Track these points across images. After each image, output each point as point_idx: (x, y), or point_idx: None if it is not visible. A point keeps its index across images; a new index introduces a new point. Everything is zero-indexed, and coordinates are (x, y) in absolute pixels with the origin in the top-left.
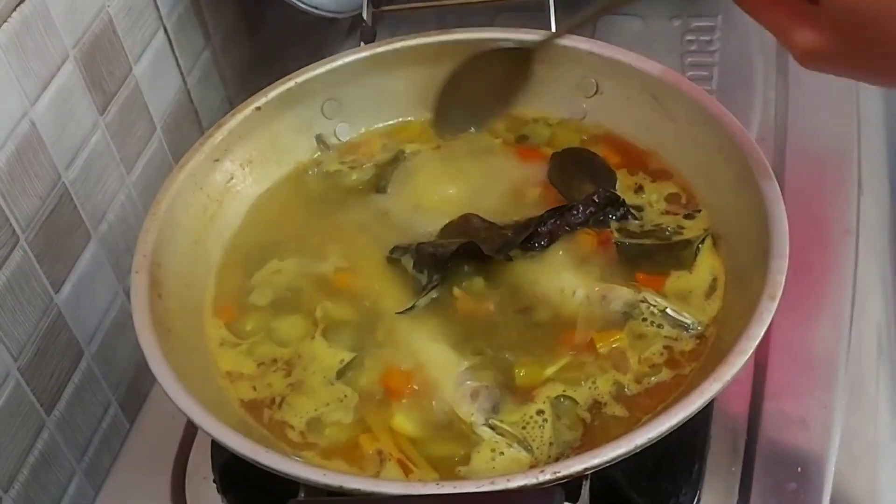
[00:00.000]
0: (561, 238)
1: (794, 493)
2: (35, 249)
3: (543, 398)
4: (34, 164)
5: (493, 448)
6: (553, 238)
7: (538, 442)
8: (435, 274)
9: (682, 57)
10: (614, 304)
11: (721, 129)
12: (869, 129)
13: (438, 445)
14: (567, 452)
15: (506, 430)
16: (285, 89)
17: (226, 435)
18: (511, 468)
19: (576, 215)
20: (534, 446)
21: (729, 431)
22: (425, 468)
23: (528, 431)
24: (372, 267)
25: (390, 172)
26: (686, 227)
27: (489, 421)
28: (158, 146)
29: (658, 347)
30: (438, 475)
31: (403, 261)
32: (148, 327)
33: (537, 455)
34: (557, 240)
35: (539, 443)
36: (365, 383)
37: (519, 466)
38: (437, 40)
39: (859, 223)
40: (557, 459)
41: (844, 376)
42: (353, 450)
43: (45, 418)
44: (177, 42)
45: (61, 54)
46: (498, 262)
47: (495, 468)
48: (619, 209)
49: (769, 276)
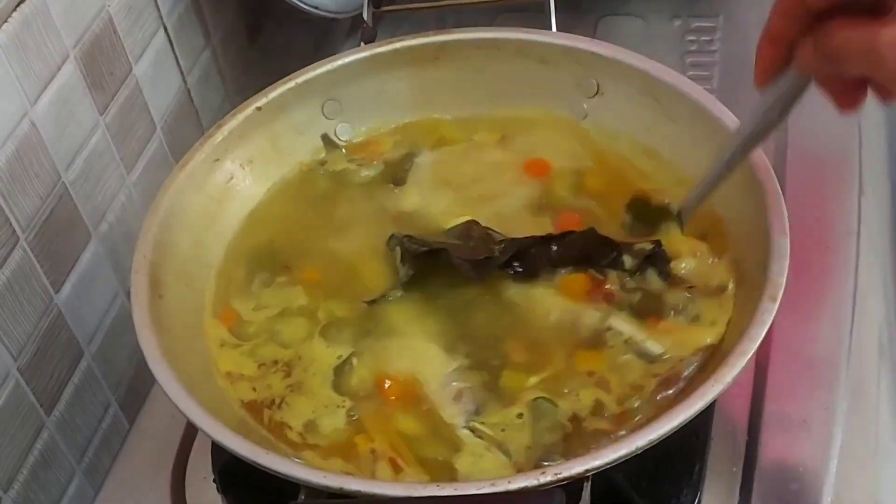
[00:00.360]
0: (544, 273)
1: (794, 493)
2: (35, 249)
3: (525, 401)
4: (34, 164)
5: (472, 452)
6: (533, 271)
7: (516, 445)
8: (410, 270)
9: (682, 57)
10: (584, 331)
11: (722, 130)
12: (870, 129)
13: (428, 446)
14: (547, 457)
15: (485, 432)
16: (286, 89)
17: (226, 436)
18: (493, 471)
19: (565, 253)
20: (511, 450)
21: (730, 432)
22: (416, 467)
23: (507, 434)
24: (374, 262)
25: (408, 165)
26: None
27: (470, 423)
28: (159, 146)
29: (639, 373)
30: (429, 476)
31: (394, 253)
32: (148, 328)
33: (515, 458)
34: (539, 273)
35: (517, 446)
36: (358, 382)
37: (498, 470)
38: (438, 40)
39: (860, 224)
40: (537, 465)
41: (846, 377)
42: (350, 449)
43: (44, 418)
44: (177, 42)
45: (61, 54)
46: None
47: (479, 471)
48: (657, 266)
49: (770, 278)
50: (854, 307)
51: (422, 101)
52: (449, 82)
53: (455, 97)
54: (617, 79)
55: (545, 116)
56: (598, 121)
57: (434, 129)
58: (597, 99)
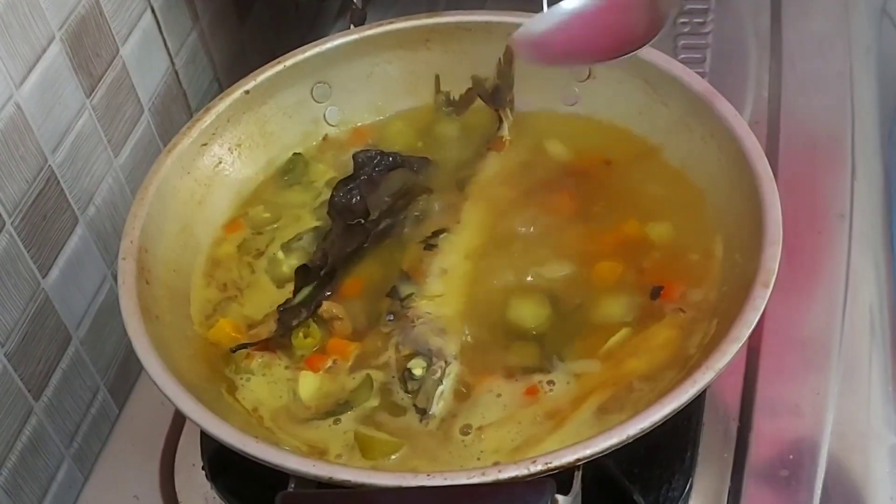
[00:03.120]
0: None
1: (786, 479)
2: (22, 234)
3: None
4: (20, 148)
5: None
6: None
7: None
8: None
9: (675, 39)
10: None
11: (714, 113)
12: (863, 112)
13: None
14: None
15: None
16: (274, 72)
17: (214, 425)
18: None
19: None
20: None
21: (721, 418)
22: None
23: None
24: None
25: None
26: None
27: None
28: (146, 129)
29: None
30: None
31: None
32: (135, 314)
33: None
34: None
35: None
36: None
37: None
38: (428, 23)
39: (853, 207)
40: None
41: (837, 361)
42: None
43: (32, 404)
44: (164, 23)
45: (47, 36)
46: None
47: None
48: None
49: (762, 263)
50: (846, 291)
51: (412, 84)
52: (439, 65)
53: (445, 81)
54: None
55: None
56: (589, 105)
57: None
58: (588, 83)
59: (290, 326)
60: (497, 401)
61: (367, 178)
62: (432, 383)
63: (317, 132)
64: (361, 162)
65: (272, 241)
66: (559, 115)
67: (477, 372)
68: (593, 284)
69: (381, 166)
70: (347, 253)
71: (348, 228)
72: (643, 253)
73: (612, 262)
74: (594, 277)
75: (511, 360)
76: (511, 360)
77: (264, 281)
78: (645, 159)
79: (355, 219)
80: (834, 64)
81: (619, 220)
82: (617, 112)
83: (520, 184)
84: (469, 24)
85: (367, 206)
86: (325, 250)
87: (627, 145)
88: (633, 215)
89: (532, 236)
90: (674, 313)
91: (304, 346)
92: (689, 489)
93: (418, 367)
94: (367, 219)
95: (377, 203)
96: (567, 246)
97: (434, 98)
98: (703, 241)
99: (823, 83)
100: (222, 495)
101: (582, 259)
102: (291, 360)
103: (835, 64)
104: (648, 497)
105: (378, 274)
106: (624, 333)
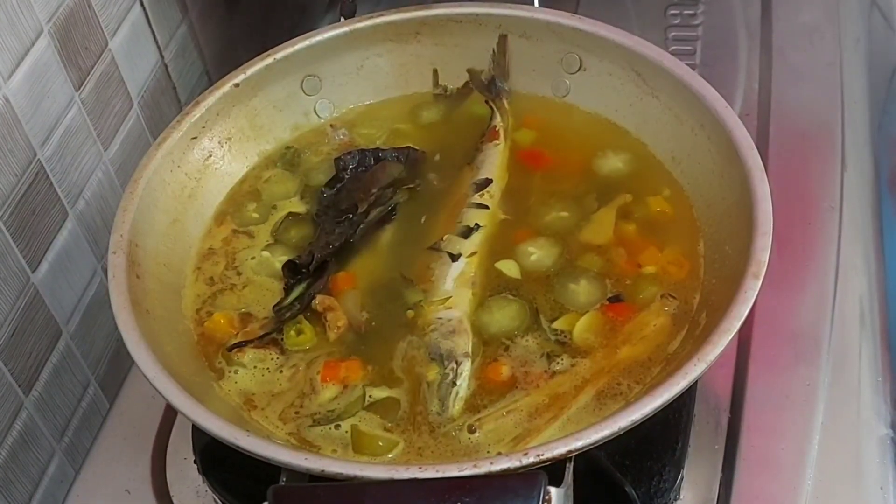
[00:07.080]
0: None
1: (777, 470)
2: (11, 228)
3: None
4: (8, 141)
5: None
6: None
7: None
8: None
9: (665, 31)
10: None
11: (704, 105)
12: (853, 104)
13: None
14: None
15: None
16: (264, 66)
17: (205, 418)
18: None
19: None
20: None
21: (712, 409)
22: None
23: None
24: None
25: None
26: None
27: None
28: (136, 122)
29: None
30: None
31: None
32: (126, 308)
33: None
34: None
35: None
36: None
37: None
38: (419, 16)
39: (843, 199)
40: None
41: (827, 353)
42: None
43: (23, 398)
44: (153, 16)
45: (35, 29)
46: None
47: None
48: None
49: (753, 255)
50: (836, 282)
51: (403, 77)
52: (430, 58)
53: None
54: (599, 54)
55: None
56: (580, 97)
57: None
58: (579, 75)
59: (283, 320)
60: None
61: (351, 177)
62: (446, 387)
63: (307, 125)
64: (343, 164)
65: (262, 234)
66: (550, 105)
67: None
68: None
69: (363, 165)
70: (336, 247)
71: (337, 225)
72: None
73: (594, 254)
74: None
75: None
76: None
77: (255, 274)
78: (635, 150)
79: (343, 217)
80: (824, 55)
81: (608, 211)
82: (607, 103)
83: (515, 177)
84: (459, 17)
85: (356, 201)
86: (312, 246)
87: (617, 136)
88: (622, 206)
89: (528, 227)
90: (663, 299)
91: (297, 344)
92: (680, 480)
93: (432, 373)
94: (355, 213)
95: (364, 198)
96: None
97: (432, 91)
98: (692, 233)
99: (813, 74)
100: (214, 489)
101: (572, 248)
102: (283, 356)
103: (825, 55)
104: (640, 488)
105: (372, 265)
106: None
